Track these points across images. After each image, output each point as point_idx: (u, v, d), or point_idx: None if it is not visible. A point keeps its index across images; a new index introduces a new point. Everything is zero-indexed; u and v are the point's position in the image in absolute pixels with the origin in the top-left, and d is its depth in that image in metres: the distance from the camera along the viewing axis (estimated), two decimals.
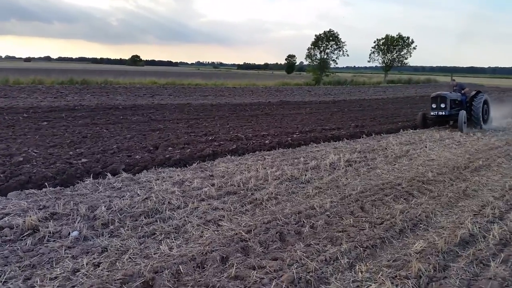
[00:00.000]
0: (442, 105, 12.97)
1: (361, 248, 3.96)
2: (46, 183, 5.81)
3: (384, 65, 60.11)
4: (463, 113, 12.80)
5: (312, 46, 52.50)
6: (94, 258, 3.61)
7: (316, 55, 52.52)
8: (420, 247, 4.01)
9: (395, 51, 58.92)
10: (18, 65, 72.86)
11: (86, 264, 3.49)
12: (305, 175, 6.83)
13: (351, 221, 4.74)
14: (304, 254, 3.80)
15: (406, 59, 59.00)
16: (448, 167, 7.79)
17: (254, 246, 3.97)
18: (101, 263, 3.53)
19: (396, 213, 5.04)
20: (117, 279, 3.17)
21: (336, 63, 53.78)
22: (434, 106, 13.21)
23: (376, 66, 63.42)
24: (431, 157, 8.79)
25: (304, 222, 4.67)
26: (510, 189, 6.31)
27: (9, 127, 10.45)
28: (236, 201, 5.39)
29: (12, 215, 4.50)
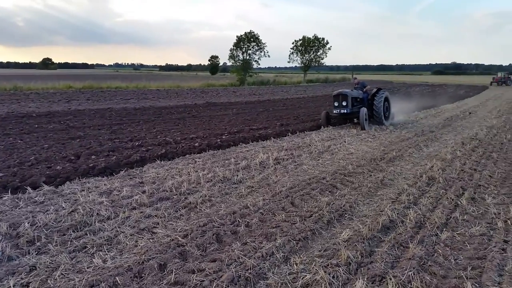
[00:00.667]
0: (344, 103, 13.13)
1: (294, 241, 4.19)
2: None
3: (303, 65, 62.73)
4: (363, 111, 12.86)
5: (234, 47, 53.18)
6: (22, 278, 3.39)
7: (238, 56, 53.29)
8: (347, 235, 4.34)
9: (312, 52, 61.79)
10: None
11: (13, 285, 3.27)
12: (237, 175, 6.97)
13: (283, 217, 4.97)
14: (242, 253, 3.92)
15: (322, 59, 62.26)
16: (366, 159, 8.44)
17: (191, 250, 4.00)
18: (30, 282, 3.33)
19: (323, 205, 5.38)
20: None
21: (259, 64, 55.12)
22: (336, 104, 13.30)
23: (295, 66, 66.03)
24: (350, 151, 9.44)
25: (239, 221, 4.80)
26: (421, 176, 7.03)
27: None
28: (170, 206, 5.36)
29: None
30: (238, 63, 53.10)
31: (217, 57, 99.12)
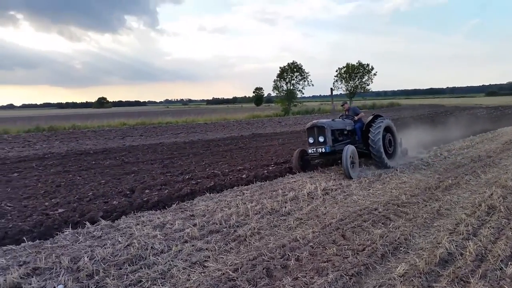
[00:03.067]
0: (321, 139, 9.89)
1: (347, 277, 4.07)
2: (24, 237, 5.66)
3: (348, 92, 62.27)
4: (348, 149, 9.35)
5: (278, 78, 54.06)
6: None
7: (282, 86, 54.02)
8: (403, 270, 4.16)
9: (357, 78, 61.34)
10: None
11: None
12: (285, 207, 6.95)
13: (335, 250, 4.86)
14: None
15: (368, 85, 61.48)
16: (420, 188, 8.11)
17: (242, 284, 4.00)
18: None
19: (376, 238, 5.20)
20: None
21: (303, 93, 55.44)
22: (311, 140, 10.10)
23: (340, 93, 65.67)
24: (402, 180, 9.12)
25: (289, 255, 4.75)
26: (480, 205, 6.63)
27: None
28: (220, 239, 5.42)
29: None
30: (282, 94, 53.76)
31: (261, 88, 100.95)
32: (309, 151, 10.08)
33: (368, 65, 61.20)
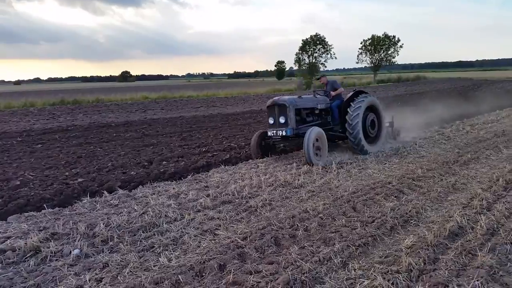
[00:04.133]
0: (282, 119, 8.34)
1: (354, 247, 4.11)
2: (44, 205, 5.93)
3: (372, 65, 60.77)
4: (311, 132, 7.87)
5: (300, 51, 53.09)
6: (96, 274, 3.73)
7: (304, 59, 53.10)
8: (410, 242, 4.16)
9: (382, 51, 59.62)
10: (8, 89, 72.89)
11: (89, 280, 3.61)
12: (298, 179, 6.98)
13: (343, 222, 4.89)
14: (299, 256, 3.94)
15: (393, 58, 59.75)
16: (438, 162, 7.97)
17: (250, 252, 4.10)
18: (103, 278, 3.65)
19: (387, 210, 5.19)
20: None
21: (325, 67, 54.40)
22: (271, 121, 8.61)
23: (365, 66, 64.19)
24: (421, 154, 8.98)
25: (298, 225, 4.81)
26: (498, 180, 6.49)
27: (4, 152, 10.54)
28: (231, 209, 5.53)
29: (14, 238, 4.60)
30: (304, 67, 52.94)
31: (283, 62, 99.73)
32: (269, 133, 8.60)
33: (394, 37, 59.31)
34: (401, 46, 59.28)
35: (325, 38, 52.66)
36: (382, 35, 59.40)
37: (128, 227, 4.89)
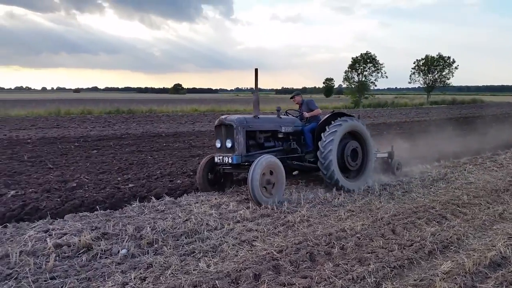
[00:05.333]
0: (228, 143, 6.97)
1: (389, 268, 4.12)
2: (97, 207, 6.41)
3: (425, 86, 58.98)
4: (259, 163, 6.37)
5: (350, 69, 52.64)
6: (140, 273, 4.02)
7: (354, 77, 52.56)
8: (448, 267, 4.10)
9: (436, 72, 57.77)
10: (68, 96, 78.00)
11: (134, 278, 3.90)
12: (338, 198, 7.03)
13: (381, 243, 4.89)
14: (333, 273, 4.01)
15: (448, 79, 57.68)
16: (486, 190, 7.69)
17: (285, 265, 4.23)
18: (147, 277, 3.93)
19: (427, 235, 5.12)
20: None
21: (375, 85, 53.50)
22: (218, 144, 7.26)
23: (418, 87, 62.43)
24: (469, 180, 8.68)
25: (334, 243, 4.87)
26: None
27: (63, 155, 11.40)
28: (269, 223, 5.68)
29: (69, 235, 5.04)
30: (353, 85, 52.37)
31: (332, 79, 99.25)
32: (215, 159, 7.19)
33: (449, 57, 57.40)
34: (456, 68, 57.26)
35: (376, 56, 52.00)
36: (437, 55, 57.71)
37: (172, 232, 5.19)
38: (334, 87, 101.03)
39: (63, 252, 4.54)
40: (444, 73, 57.76)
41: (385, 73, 52.06)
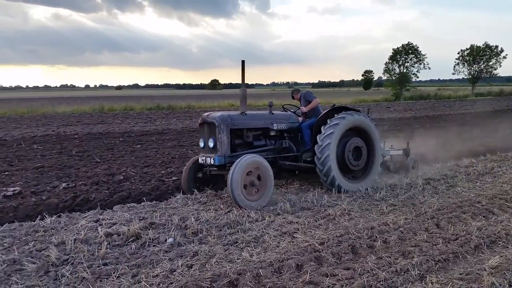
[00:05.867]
0: (211, 143, 6.50)
1: (433, 262, 4.07)
2: (144, 198, 6.70)
3: (470, 77, 56.44)
4: (241, 163, 5.91)
5: (390, 60, 51.20)
6: (187, 261, 4.20)
7: (394, 69, 51.09)
8: (496, 262, 3.99)
9: (482, 62, 55.09)
10: (110, 93, 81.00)
11: (181, 265, 4.08)
12: (380, 192, 6.95)
13: (425, 237, 4.82)
14: (375, 266, 4.01)
15: (495, 69, 54.87)
16: None
17: (326, 256, 4.27)
18: (193, 265, 4.10)
19: (473, 230, 4.99)
20: (207, 278, 3.70)
21: (417, 77, 51.76)
22: (201, 144, 6.90)
23: (462, 78, 59.84)
24: None
25: (376, 236, 4.85)
26: None
27: (108, 150, 11.93)
28: (310, 216, 5.72)
29: (118, 224, 5.32)
30: (393, 77, 50.95)
31: (371, 71, 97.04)
32: (199, 160, 6.76)
33: (496, 47, 54.51)
34: (504, 57, 54.26)
35: (418, 47, 50.23)
36: (483, 45, 54.97)
37: (215, 223, 5.36)
38: (374, 79, 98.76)
39: (114, 240, 4.80)
40: (490, 63, 55.00)
41: (427, 64, 50.23)
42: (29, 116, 23.82)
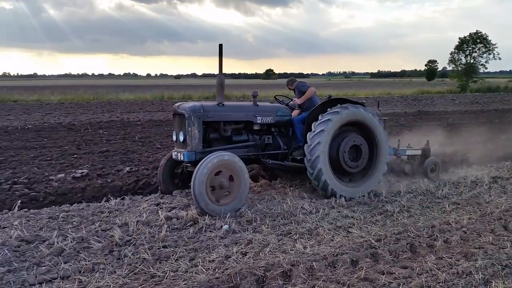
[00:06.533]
0: (181, 136, 5.89)
1: (499, 266, 3.82)
2: None
3: None
4: (207, 162, 5.23)
5: (456, 50, 48.22)
6: (241, 248, 4.29)
7: (461, 59, 48.07)
8: None
9: None
10: (169, 82, 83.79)
11: (236, 252, 4.17)
12: (442, 190, 6.64)
13: (490, 239, 4.53)
14: (435, 266, 3.85)
15: None
16: None
17: (383, 253, 4.16)
18: (247, 252, 4.18)
19: None
20: (261, 267, 3.75)
21: (486, 68, 48.34)
22: (174, 137, 6.27)
23: None
24: None
25: (437, 236, 4.64)
26: None
27: (169, 137, 12.28)
28: (366, 211, 5.60)
29: (177, 209, 5.53)
30: (459, 68, 47.96)
31: (435, 61, 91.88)
32: (173, 155, 6.14)
33: None
34: None
35: (487, 36, 46.79)
36: None
37: (269, 213, 5.42)
38: (438, 70, 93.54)
39: (173, 224, 5.00)
40: None
41: (497, 54, 46.69)
42: (95, 102, 25.35)
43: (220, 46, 5.91)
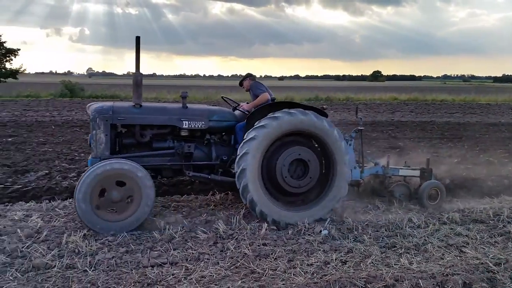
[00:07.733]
0: (89, 140, 5.18)
1: None
2: None
3: None
4: (93, 170, 4.64)
5: None
6: (341, 256, 4.19)
7: None
8: None
9: None
10: (273, 84, 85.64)
11: (335, 259, 4.09)
12: None
13: None
14: None
15: None
16: None
17: (503, 280, 3.71)
18: (347, 261, 4.07)
19: None
20: (362, 278, 3.62)
21: None
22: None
23: None
24: None
25: None
26: None
27: None
28: (484, 230, 5.04)
29: None
30: None
31: None
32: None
33: None
34: None
35: None
36: None
37: (372, 222, 5.21)
38: None
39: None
40: None
41: None
42: (205, 102, 27.01)
43: (137, 38, 5.08)
